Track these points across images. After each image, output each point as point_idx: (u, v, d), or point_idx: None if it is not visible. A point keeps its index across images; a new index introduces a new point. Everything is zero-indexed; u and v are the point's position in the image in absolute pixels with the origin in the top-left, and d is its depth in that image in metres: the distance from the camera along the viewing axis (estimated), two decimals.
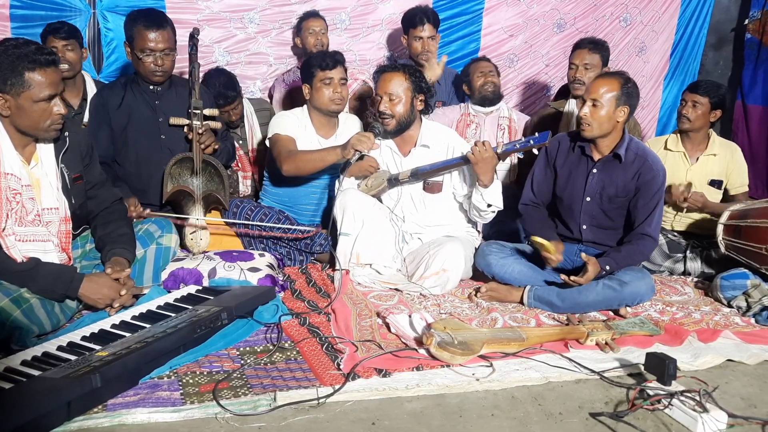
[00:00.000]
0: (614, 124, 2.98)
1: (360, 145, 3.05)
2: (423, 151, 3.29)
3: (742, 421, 2.01)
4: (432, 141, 3.29)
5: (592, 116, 2.94)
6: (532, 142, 2.98)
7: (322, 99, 3.38)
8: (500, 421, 1.98)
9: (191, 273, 2.90)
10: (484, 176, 3.06)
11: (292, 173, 3.33)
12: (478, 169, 3.04)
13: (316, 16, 4.30)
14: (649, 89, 5.49)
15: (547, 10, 5.12)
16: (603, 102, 2.93)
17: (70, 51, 3.60)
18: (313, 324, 2.62)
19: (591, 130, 2.97)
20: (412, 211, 3.34)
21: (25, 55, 2.25)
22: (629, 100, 2.96)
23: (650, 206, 3.00)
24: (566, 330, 2.60)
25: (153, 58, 3.20)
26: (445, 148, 3.29)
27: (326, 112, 3.42)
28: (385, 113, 3.17)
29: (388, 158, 3.36)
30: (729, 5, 5.52)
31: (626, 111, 2.97)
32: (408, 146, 3.32)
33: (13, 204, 2.36)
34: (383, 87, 3.18)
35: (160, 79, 3.29)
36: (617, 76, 3.04)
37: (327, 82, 3.35)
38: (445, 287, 3.05)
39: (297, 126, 3.45)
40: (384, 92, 3.17)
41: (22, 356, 2.00)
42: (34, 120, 2.33)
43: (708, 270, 3.48)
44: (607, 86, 2.95)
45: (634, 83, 3.03)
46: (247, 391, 2.04)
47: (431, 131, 3.32)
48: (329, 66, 3.34)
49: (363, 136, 3.08)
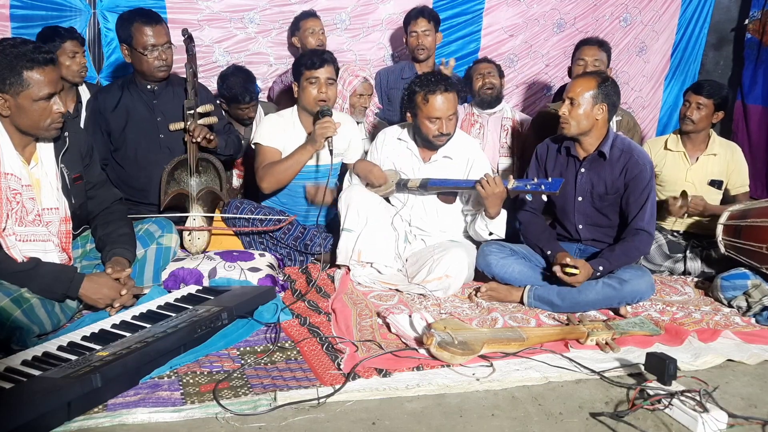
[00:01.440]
0: (593, 121, 3.00)
1: (327, 132, 3.19)
2: (445, 162, 3.28)
3: (742, 421, 2.00)
4: (455, 153, 3.28)
5: (570, 114, 2.99)
6: (543, 187, 2.91)
7: (308, 98, 3.35)
8: (500, 421, 1.98)
9: (191, 273, 2.90)
10: (492, 209, 3.05)
11: (274, 187, 3.37)
12: (487, 202, 3.03)
13: (314, 16, 4.30)
14: (649, 89, 5.50)
15: (547, 10, 5.12)
16: (580, 101, 2.97)
17: (82, 55, 3.61)
18: (313, 324, 2.62)
19: (570, 127, 3.01)
20: (421, 216, 3.32)
21: (23, 54, 2.25)
22: (607, 98, 2.99)
23: (641, 201, 3.01)
24: (566, 330, 2.60)
25: (157, 53, 3.22)
26: (466, 161, 3.28)
27: (311, 112, 3.40)
28: (450, 133, 3.18)
29: (408, 161, 3.33)
30: (729, 5, 5.52)
31: (605, 108, 3.00)
32: (430, 154, 3.30)
33: (13, 204, 2.36)
34: (449, 109, 3.13)
35: (164, 75, 3.30)
36: (595, 75, 3.10)
37: (313, 81, 3.33)
38: (447, 292, 3.05)
39: (283, 128, 3.44)
40: (447, 115, 3.13)
41: (22, 356, 2.00)
42: (34, 119, 2.33)
43: (708, 270, 3.48)
44: (583, 85, 2.99)
45: (613, 82, 3.05)
46: (248, 391, 2.04)
47: (455, 142, 3.29)
48: (315, 65, 3.32)
49: (324, 123, 3.21)
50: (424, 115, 3.15)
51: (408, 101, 3.23)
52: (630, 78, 5.40)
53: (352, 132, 3.58)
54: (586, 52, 3.94)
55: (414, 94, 3.17)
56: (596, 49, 3.92)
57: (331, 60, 3.39)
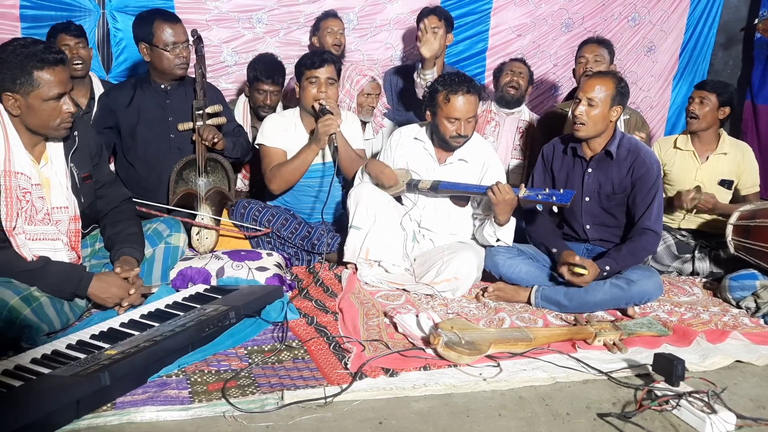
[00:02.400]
0: (608, 123, 2.98)
1: (330, 129, 3.23)
2: (460, 164, 3.27)
3: (750, 422, 2.00)
4: (470, 156, 3.27)
5: (587, 115, 2.94)
6: (554, 198, 2.88)
7: (308, 97, 3.36)
8: (507, 421, 1.98)
9: (199, 272, 2.91)
10: (502, 216, 3.04)
11: (283, 188, 3.41)
12: (497, 209, 3.01)
13: (334, 17, 4.34)
14: (657, 89, 5.48)
15: (555, 10, 5.10)
16: (598, 101, 2.93)
17: (83, 48, 3.64)
18: (320, 323, 2.62)
19: (585, 129, 2.97)
20: (432, 217, 3.30)
21: (33, 54, 2.27)
22: (623, 99, 2.97)
23: (648, 200, 2.99)
24: (574, 330, 2.59)
25: (178, 50, 3.26)
26: (481, 165, 3.27)
27: (310, 112, 3.40)
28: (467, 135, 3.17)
29: (422, 160, 3.31)
30: (738, 5, 5.49)
31: (619, 111, 2.98)
32: (446, 155, 3.29)
33: (23, 203, 2.37)
34: (469, 111, 3.12)
35: (183, 72, 3.34)
36: (611, 75, 3.06)
37: (313, 80, 3.33)
38: (456, 293, 3.04)
39: (284, 127, 3.45)
40: (466, 117, 3.12)
41: (31, 354, 2.01)
42: (44, 119, 2.34)
43: (717, 270, 3.46)
44: (602, 85, 2.94)
45: (626, 83, 3.03)
46: (255, 389, 2.05)
47: (471, 145, 3.28)
48: (315, 65, 3.32)
49: (325, 120, 3.24)
50: (443, 114, 3.12)
51: (429, 99, 3.20)
52: (638, 78, 5.38)
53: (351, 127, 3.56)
54: (587, 49, 3.93)
55: (436, 93, 3.15)
56: (595, 46, 3.91)
57: (331, 60, 3.39)
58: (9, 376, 1.88)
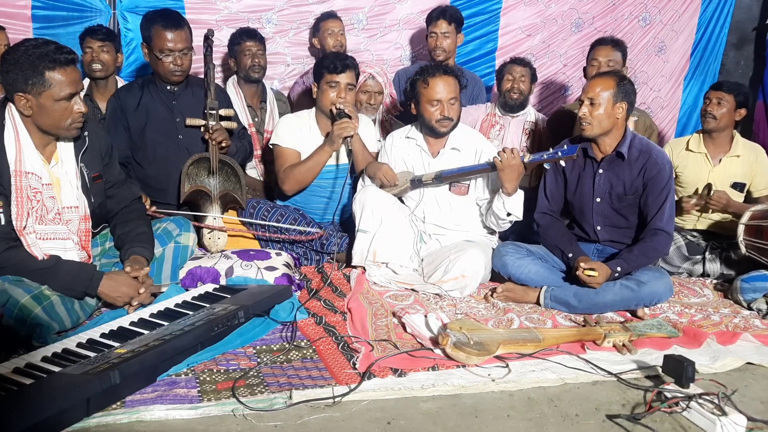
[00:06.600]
0: (614, 121, 2.98)
1: (345, 132, 3.25)
2: (453, 153, 3.30)
3: (761, 424, 1.98)
4: (462, 144, 3.30)
5: (591, 115, 2.96)
6: (560, 153, 2.94)
7: (326, 101, 3.38)
8: (516, 422, 1.98)
9: (209, 271, 2.92)
10: (509, 184, 3.04)
11: (296, 189, 3.44)
12: (504, 176, 3.03)
13: (334, 17, 4.33)
14: (668, 89, 5.44)
15: (565, 10, 5.09)
16: (600, 100, 2.94)
17: (105, 53, 3.66)
18: (329, 323, 2.63)
19: (591, 128, 2.97)
20: (435, 212, 3.32)
21: (45, 54, 2.28)
22: (626, 96, 2.97)
23: (659, 201, 2.98)
24: (583, 331, 2.58)
25: (172, 58, 3.23)
26: (474, 151, 3.29)
27: (327, 114, 3.42)
28: (452, 118, 3.21)
29: (417, 157, 3.34)
30: (750, 4, 5.45)
31: (624, 107, 2.97)
32: (438, 147, 3.32)
33: (33, 202, 2.39)
34: (449, 92, 3.16)
35: (179, 79, 3.32)
36: (612, 73, 3.08)
37: (333, 85, 3.36)
38: (463, 292, 3.04)
39: (299, 128, 3.47)
40: (447, 99, 3.17)
41: (42, 352, 2.02)
42: (56, 119, 2.36)
43: (727, 271, 3.44)
44: (603, 84, 2.96)
45: (629, 81, 3.03)
46: (264, 389, 2.05)
47: (462, 134, 3.33)
48: (338, 69, 3.35)
49: (341, 123, 3.26)
50: (425, 100, 3.19)
51: (411, 91, 3.28)
52: (649, 78, 5.35)
53: (367, 132, 3.58)
54: (600, 52, 3.89)
55: (415, 83, 3.25)
56: (610, 49, 3.87)
57: (353, 66, 3.42)
58: (20, 374, 1.89)
